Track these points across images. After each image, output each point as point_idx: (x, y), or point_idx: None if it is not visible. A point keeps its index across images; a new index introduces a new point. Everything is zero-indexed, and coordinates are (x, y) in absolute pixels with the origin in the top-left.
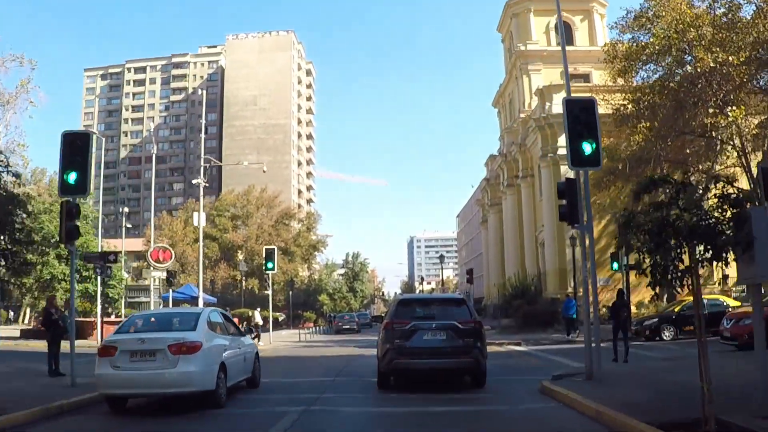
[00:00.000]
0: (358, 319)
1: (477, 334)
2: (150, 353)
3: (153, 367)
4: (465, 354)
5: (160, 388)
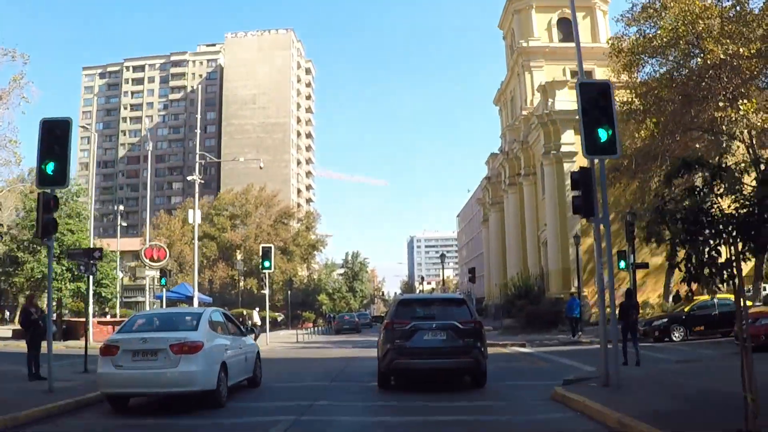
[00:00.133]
0: (358, 319)
1: (477, 334)
2: (152, 353)
3: (155, 367)
4: (465, 354)
5: (161, 387)
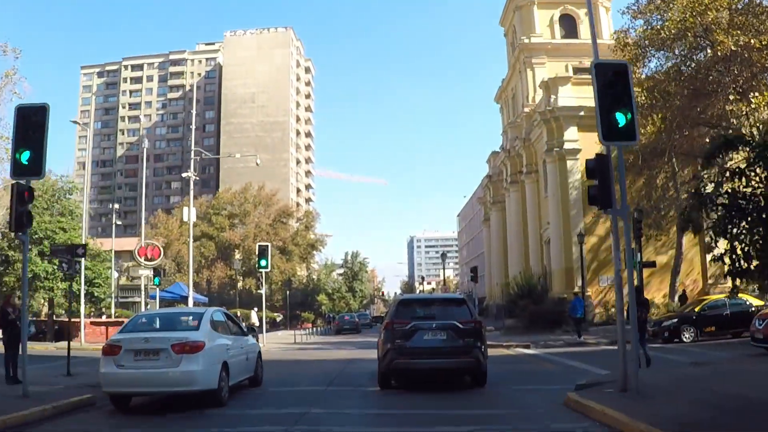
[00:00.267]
0: (358, 320)
1: (477, 334)
2: (154, 352)
3: (156, 366)
4: (465, 354)
5: (163, 386)
